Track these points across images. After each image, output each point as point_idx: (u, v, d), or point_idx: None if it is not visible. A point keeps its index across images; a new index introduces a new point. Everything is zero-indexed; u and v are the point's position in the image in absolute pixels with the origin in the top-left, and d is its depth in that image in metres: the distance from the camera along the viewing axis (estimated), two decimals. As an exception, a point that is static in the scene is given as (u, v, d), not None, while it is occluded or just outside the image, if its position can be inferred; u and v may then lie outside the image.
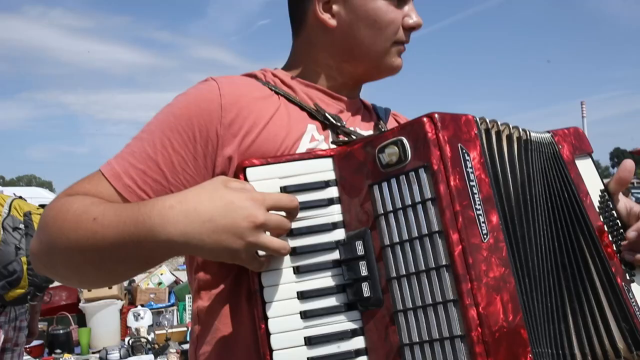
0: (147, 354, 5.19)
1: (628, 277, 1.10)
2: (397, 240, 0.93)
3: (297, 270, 0.98)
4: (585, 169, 1.14)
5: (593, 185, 1.14)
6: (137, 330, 5.67)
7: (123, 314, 5.94)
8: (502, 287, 0.90)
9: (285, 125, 1.08)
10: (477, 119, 0.98)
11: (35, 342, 5.02)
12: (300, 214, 1.00)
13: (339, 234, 1.00)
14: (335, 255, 0.99)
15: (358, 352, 0.96)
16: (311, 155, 1.04)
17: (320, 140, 1.10)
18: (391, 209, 0.94)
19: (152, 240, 0.90)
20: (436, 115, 0.92)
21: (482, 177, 0.94)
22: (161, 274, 6.62)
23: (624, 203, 1.17)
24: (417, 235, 0.91)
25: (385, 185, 0.95)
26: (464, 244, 0.88)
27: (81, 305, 5.78)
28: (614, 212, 1.15)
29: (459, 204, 0.89)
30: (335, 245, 0.99)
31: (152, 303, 6.34)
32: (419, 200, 0.91)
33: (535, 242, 1.00)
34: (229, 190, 0.93)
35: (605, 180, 1.19)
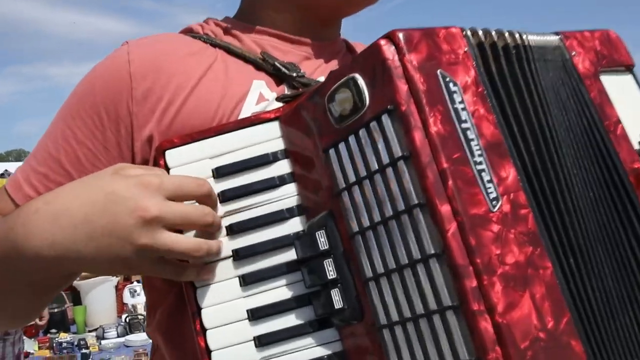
0: (144, 331, 4.91)
1: None
2: (368, 225, 0.62)
3: (244, 281, 0.69)
4: (620, 89, 0.77)
5: (633, 111, 0.77)
6: (134, 307, 5.38)
7: (119, 290, 5.63)
8: (532, 277, 0.57)
9: (221, 85, 0.79)
10: (467, 32, 0.65)
11: (28, 322, 4.91)
12: (243, 202, 0.71)
13: (298, 224, 0.70)
14: (293, 254, 0.69)
15: (340, 387, 0.66)
16: (250, 121, 0.74)
17: (271, 100, 0.80)
18: (354, 179, 0.63)
19: (21, 259, 0.65)
20: (399, 34, 0.60)
21: (482, 114, 0.61)
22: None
23: None
24: (392, 213, 0.59)
25: (342, 146, 0.64)
26: (459, 218, 0.56)
27: (75, 282, 5.39)
28: None
29: (447, 158, 0.57)
30: (293, 239, 0.69)
31: (149, 278, 6.08)
32: (388, 161, 0.60)
33: (570, 197, 0.64)
34: (116, 177, 0.66)
35: None
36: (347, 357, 0.66)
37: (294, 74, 0.79)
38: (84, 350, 4.61)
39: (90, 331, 5.16)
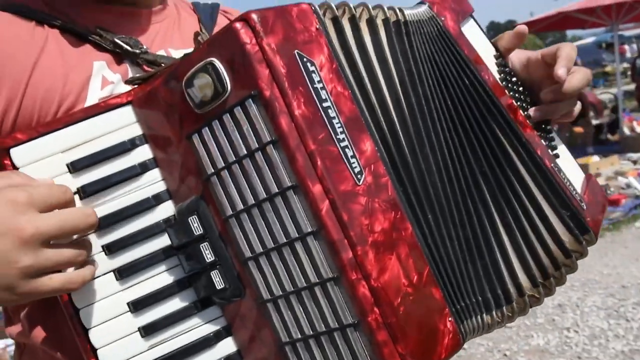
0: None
1: (552, 153, 0.83)
2: (242, 207, 0.61)
3: (120, 275, 0.66)
4: (472, 35, 0.82)
5: (485, 52, 0.83)
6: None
7: None
8: (396, 240, 0.61)
9: (59, 71, 0.70)
10: (316, 7, 0.64)
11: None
12: (106, 196, 0.66)
13: (168, 209, 0.67)
14: (166, 240, 0.66)
15: (230, 359, 0.67)
16: (100, 107, 0.67)
17: (116, 82, 0.73)
18: (223, 164, 0.61)
19: None
20: (254, 16, 0.58)
21: (339, 91, 0.62)
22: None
23: (517, 57, 0.87)
24: (265, 196, 0.59)
25: (206, 132, 0.61)
26: (331, 196, 0.57)
27: None
28: (514, 78, 0.85)
29: (313, 139, 0.58)
30: (164, 226, 0.66)
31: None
32: (257, 146, 0.58)
33: (435, 158, 0.69)
34: None
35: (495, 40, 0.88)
36: (232, 329, 0.67)
37: (138, 51, 0.73)
38: None
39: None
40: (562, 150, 0.85)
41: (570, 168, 0.83)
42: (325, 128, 0.59)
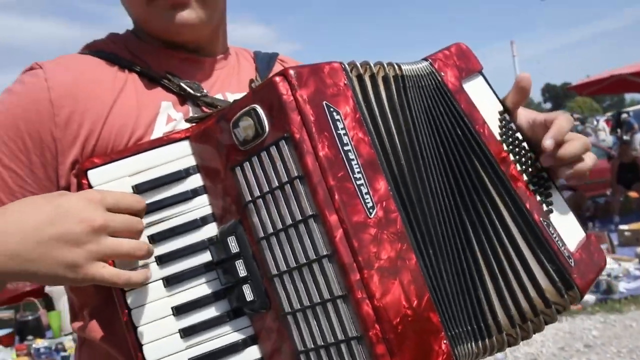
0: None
1: (545, 208, 0.89)
2: (271, 231, 0.72)
3: (167, 282, 0.77)
4: (477, 91, 0.91)
5: (489, 108, 0.91)
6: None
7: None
8: (400, 268, 0.70)
9: (133, 109, 0.84)
10: (346, 65, 0.75)
11: (4, 331, 4.80)
12: (161, 214, 0.79)
13: (212, 230, 0.79)
14: (208, 256, 0.78)
15: (254, 364, 0.76)
16: (163, 141, 0.81)
17: (178, 120, 0.87)
18: (258, 194, 0.72)
19: None
20: (291, 72, 0.70)
21: (359, 137, 0.72)
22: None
23: (525, 116, 0.93)
24: (291, 222, 0.70)
25: (247, 165, 0.73)
26: (345, 225, 0.67)
27: (47, 289, 5.44)
28: (517, 134, 0.92)
29: (333, 177, 0.68)
30: (207, 244, 0.78)
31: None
32: (286, 180, 0.70)
33: (433, 201, 0.78)
34: (61, 195, 0.72)
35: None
36: (258, 339, 0.77)
37: (199, 94, 0.87)
38: (62, 354, 4.45)
39: (66, 335, 4.97)
40: (561, 208, 0.91)
41: (567, 226, 0.89)
42: (345, 168, 0.69)
